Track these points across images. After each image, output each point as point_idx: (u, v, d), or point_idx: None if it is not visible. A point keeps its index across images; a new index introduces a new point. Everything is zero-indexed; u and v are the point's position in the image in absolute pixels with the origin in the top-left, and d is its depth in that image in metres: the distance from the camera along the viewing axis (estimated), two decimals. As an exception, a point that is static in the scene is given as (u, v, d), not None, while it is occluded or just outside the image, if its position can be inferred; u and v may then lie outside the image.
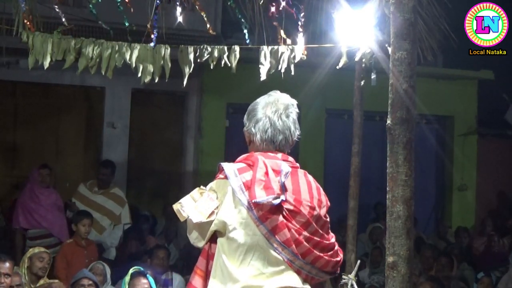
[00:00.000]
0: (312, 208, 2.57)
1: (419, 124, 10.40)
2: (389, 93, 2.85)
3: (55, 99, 10.08)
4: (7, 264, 5.25)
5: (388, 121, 2.85)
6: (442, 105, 11.13)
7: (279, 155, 2.63)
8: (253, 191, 2.45)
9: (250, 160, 2.58)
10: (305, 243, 2.52)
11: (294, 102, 2.73)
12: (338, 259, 2.69)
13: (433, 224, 11.42)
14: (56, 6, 5.26)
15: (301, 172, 2.67)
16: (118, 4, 5.24)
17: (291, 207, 2.52)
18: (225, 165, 2.56)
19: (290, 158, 2.68)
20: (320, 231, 2.59)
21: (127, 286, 5.26)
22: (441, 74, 11.11)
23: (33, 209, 7.03)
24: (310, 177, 2.70)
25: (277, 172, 2.52)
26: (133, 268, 5.47)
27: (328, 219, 2.68)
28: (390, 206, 2.83)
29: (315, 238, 2.56)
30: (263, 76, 5.37)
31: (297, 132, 2.71)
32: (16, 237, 7.02)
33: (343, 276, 4.97)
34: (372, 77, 5.15)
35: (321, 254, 2.58)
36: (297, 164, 2.69)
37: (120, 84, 9.42)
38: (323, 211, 2.64)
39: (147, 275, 5.38)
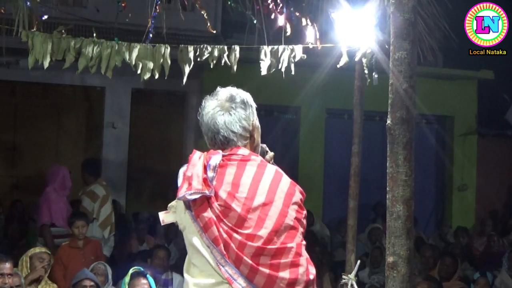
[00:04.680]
0: (249, 202, 2.35)
1: (419, 124, 10.41)
2: (389, 93, 2.85)
3: (55, 99, 10.09)
4: (8, 265, 5.26)
5: (388, 121, 2.84)
6: (442, 105, 11.13)
7: (227, 150, 2.50)
8: (179, 188, 2.44)
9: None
10: (232, 246, 2.33)
11: (233, 93, 2.55)
12: (295, 276, 2.32)
13: (433, 224, 11.43)
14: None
15: (252, 165, 2.45)
16: (118, 3, 5.24)
17: (222, 203, 2.37)
18: (182, 168, 2.55)
19: (242, 151, 2.48)
20: (262, 228, 2.33)
21: (127, 287, 5.26)
22: (441, 74, 11.11)
23: (62, 209, 7.03)
24: (270, 170, 2.45)
25: (206, 167, 2.44)
26: (133, 268, 5.46)
27: (288, 219, 2.37)
28: (390, 206, 2.82)
29: (250, 243, 2.32)
30: (263, 71, 5.36)
31: (239, 124, 2.49)
32: (47, 234, 6.96)
33: (343, 276, 4.97)
34: (375, 76, 5.14)
35: (258, 264, 2.31)
36: (253, 157, 2.47)
37: (120, 84, 9.43)
38: (275, 207, 2.37)
39: (147, 275, 5.37)
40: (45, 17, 5.24)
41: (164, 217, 2.64)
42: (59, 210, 7.00)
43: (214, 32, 5.61)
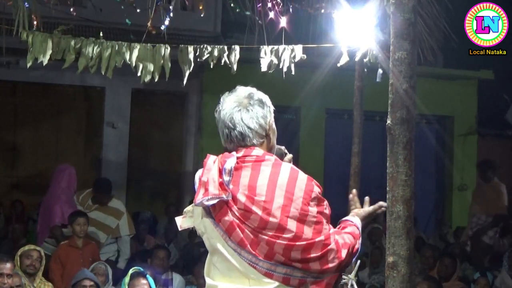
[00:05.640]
0: (268, 205, 2.36)
1: (419, 124, 10.40)
2: (389, 93, 2.85)
3: (55, 99, 10.10)
4: (8, 265, 5.25)
5: (388, 121, 2.84)
6: (442, 105, 11.13)
7: (241, 151, 2.48)
8: (196, 194, 2.42)
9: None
10: (262, 243, 2.36)
11: (252, 91, 2.57)
12: (327, 266, 2.41)
13: (433, 224, 11.42)
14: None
15: (267, 165, 2.44)
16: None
17: (241, 206, 2.37)
18: (197, 172, 2.53)
19: (256, 152, 2.47)
20: (286, 230, 2.35)
21: (126, 287, 5.26)
22: (441, 74, 11.11)
23: (71, 209, 7.01)
24: (285, 169, 2.44)
25: (221, 171, 2.42)
26: (132, 268, 5.47)
27: (311, 217, 2.40)
28: (390, 206, 2.82)
29: (278, 241, 2.35)
30: (263, 68, 5.36)
31: (256, 120, 2.49)
32: (58, 233, 6.90)
33: (343, 276, 4.96)
34: (379, 72, 5.12)
35: (290, 258, 2.36)
36: (267, 157, 2.47)
37: (120, 84, 9.43)
38: (295, 208, 2.37)
39: (147, 276, 5.38)
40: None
41: (182, 223, 2.61)
42: (70, 211, 6.97)
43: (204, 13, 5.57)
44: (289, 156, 2.71)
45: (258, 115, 2.51)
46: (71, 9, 5.48)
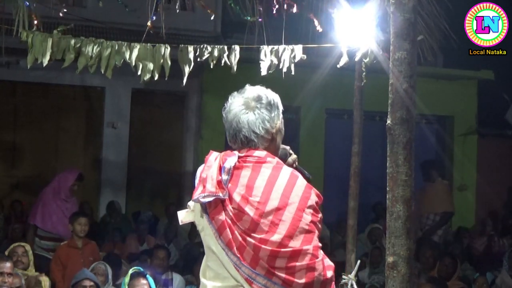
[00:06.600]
0: (262, 206, 2.34)
1: (419, 124, 10.40)
2: (389, 93, 2.85)
3: (55, 99, 10.10)
4: (8, 264, 5.26)
5: (388, 121, 2.84)
6: (442, 105, 11.13)
7: (243, 151, 2.46)
8: (195, 190, 2.42)
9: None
10: (248, 248, 2.33)
11: (261, 93, 2.53)
12: (311, 280, 2.32)
13: (433, 224, 11.40)
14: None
15: (267, 167, 2.42)
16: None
17: (235, 206, 2.36)
18: (199, 168, 2.52)
19: (258, 153, 2.45)
20: (276, 233, 2.32)
21: (126, 287, 5.26)
22: (441, 74, 11.11)
23: (54, 211, 6.97)
24: (285, 173, 2.42)
25: (221, 169, 2.41)
26: (132, 268, 5.47)
27: (303, 224, 2.35)
28: (390, 206, 2.82)
29: (264, 246, 2.31)
30: (263, 72, 5.36)
31: (262, 125, 2.46)
32: (28, 233, 6.92)
33: (343, 276, 4.97)
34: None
35: (274, 267, 2.31)
36: (269, 159, 2.45)
37: (120, 84, 9.43)
38: (289, 212, 2.34)
39: (147, 276, 5.38)
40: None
41: (183, 217, 2.60)
42: (48, 213, 6.94)
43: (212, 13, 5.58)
44: (294, 156, 2.69)
45: (265, 119, 2.48)
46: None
